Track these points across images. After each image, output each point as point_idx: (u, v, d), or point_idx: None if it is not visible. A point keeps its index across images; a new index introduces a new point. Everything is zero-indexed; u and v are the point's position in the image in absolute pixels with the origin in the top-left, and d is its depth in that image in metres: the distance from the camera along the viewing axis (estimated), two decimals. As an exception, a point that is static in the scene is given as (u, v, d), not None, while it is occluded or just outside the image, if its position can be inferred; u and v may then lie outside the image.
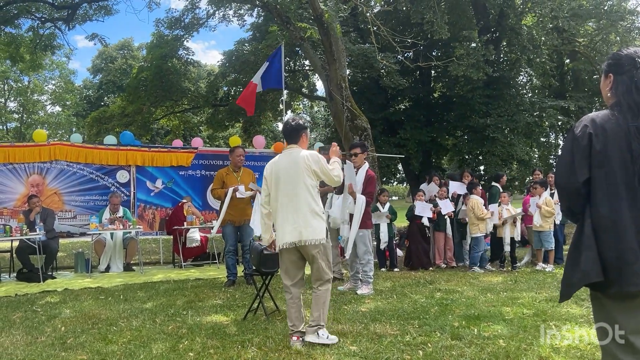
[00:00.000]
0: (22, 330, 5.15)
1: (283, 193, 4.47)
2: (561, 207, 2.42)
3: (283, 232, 4.44)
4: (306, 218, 4.40)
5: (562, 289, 2.38)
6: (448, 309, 5.80)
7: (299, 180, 4.44)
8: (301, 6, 13.17)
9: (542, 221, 8.96)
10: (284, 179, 4.47)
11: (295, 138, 4.62)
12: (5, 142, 9.90)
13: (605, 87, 2.44)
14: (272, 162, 4.63)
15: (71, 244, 13.41)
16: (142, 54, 30.40)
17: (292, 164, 4.47)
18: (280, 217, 4.48)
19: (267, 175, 4.60)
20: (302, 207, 4.43)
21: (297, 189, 4.44)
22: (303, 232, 4.38)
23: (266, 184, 4.62)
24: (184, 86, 20.53)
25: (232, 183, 7.69)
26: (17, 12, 14.26)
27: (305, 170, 4.45)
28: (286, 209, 4.45)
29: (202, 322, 5.39)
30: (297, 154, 4.51)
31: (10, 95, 32.35)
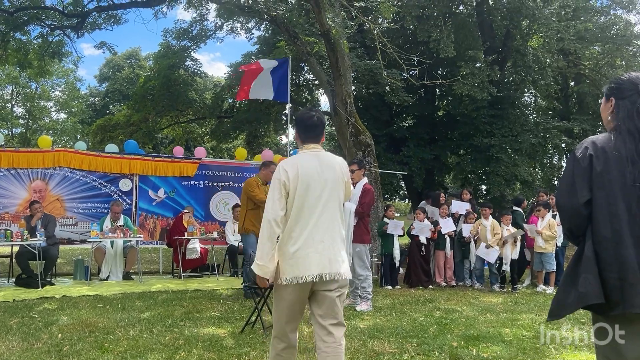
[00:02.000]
0: (18, 336, 5.13)
1: (312, 208, 3.24)
2: (562, 228, 2.42)
3: (307, 261, 3.16)
4: (337, 245, 3.28)
5: (554, 308, 2.38)
6: (447, 328, 5.76)
7: (334, 194, 3.33)
8: (308, 21, 13.27)
9: (545, 243, 8.94)
10: (315, 188, 3.25)
11: (320, 135, 3.47)
12: (9, 147, 9.89)
13: (605, 111, 2.45)
14: (295, 163, 3.29)
15: (71, 250, 13.39)
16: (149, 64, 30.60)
17: (326, 171, 3.32)
18: (304, 240, 3.19)
19: (291, 179, 3.22)
20: (335, 230, 3.29)
21: (330, 204, 3.30)
22: (333, 262, 3.23)
23: (285, 190, 3.22)
24: (190, 97, 20.64)
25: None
26: (27, 19, 14.39)
27: (341, 181, 3.39)
28: (314, 230, 3.22)
29: (200, 333, 5.37)
30: (331, 159, 3.41)
31: (18, 101, 32.53)
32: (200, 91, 22.97)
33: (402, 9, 14.45)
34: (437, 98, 20.21)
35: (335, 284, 3.19)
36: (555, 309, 2.37)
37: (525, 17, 15.15)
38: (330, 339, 3.20)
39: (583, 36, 17.10)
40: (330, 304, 3.22)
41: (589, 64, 18.90)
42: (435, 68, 17.36)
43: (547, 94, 19.24)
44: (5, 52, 15.39)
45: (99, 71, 37.53)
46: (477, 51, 16.73)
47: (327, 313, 3.23)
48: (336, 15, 10.87)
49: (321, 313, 3.23)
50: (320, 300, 3.23)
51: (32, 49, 15.52)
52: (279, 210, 3.19)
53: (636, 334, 2.18)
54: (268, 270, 3.18)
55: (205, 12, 18.25)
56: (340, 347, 3.22)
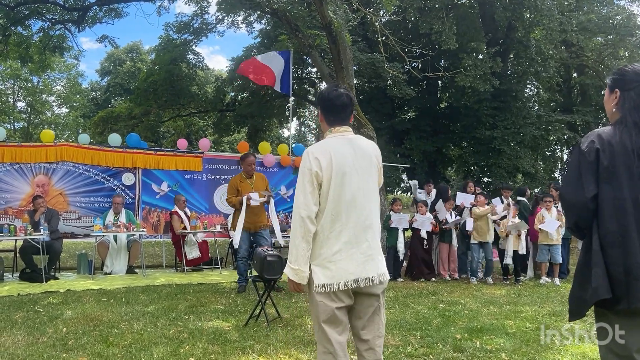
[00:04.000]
0: (23, 330, 5.15)
1: (350, 201, 2.76)
2: (567, 222, 2.38)
3: (349, 262, 2.72)
4: (378, 243, 2.87)
5: (573, 307, 2.32)
6: (450, 321, 5.77)
7: (371, 183, 2.87)
8: (310, 14, 13.23)
9: (556, 235, 8.95)
10: (351, 177, 2.77)
11: (349, 115, 2.96)
12: (12, 142, 9.89)
13: (610, 103, 2.42)
14: (326, 150, 2.79)
15: (74, 245, 13.43)
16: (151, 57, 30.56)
17: (361, 157, 2.83)
18: (343, 239, 2.75)
19: (323, 168, 2.74)
20: (374, 225, 2.85)
21: (370, 196, 2.83)
22: (379, 262, 2.82)
23: (317, 182, 2.75)
24: (192, 91, 20.65)
25: (247, 190, 7.66)
26: (28, 13, 14.37)
27: (376, 168, 2.91)
28: (357, 228, 2.77)
29: (204, 327, 5.38)
30: (364, 143, 2.92)
31: (20, 95, 32.55)
32: (201, 85, 22.98)
33: (404, 1, 14.39)
34: (440, 90, 20.19)
35: (381, 286, 2.82)
36: (576, 308, 2.32)
37: (527, 9, 15.09)
38: (370, 355, 2.82)
39: (586, 27, 17.05)
40: (374, 314, 2.82)
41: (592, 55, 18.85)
42: (438, 60, 17.32)
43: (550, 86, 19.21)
44: (7, 46, 15.39)
45: (100, 65, 37.50)
46: (480, 43, 16.72)
47: (369, 325, 2.82)
48: (338, 7, 10.82)
49: (362, 324, 2.82)
50: (362, 309, 2.81)
51: (33, 43, 15.50)
52: (313, 206, 2.73)
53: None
54: (304, 275, 2.74)
55: (206, 5, 18.22)
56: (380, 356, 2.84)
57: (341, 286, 2.71)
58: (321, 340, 2.77)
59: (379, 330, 2.84)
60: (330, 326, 2.73)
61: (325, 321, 2.74)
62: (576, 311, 2.31)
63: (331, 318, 2.74)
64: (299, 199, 2.77)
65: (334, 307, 2.73)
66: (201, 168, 10.98)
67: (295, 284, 2.79)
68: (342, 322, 2.77)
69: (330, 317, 2.74)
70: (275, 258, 5.57)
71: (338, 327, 2.75)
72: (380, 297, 2.83)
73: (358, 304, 2.81)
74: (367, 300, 2.80)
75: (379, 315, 2.84)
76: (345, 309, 2.79)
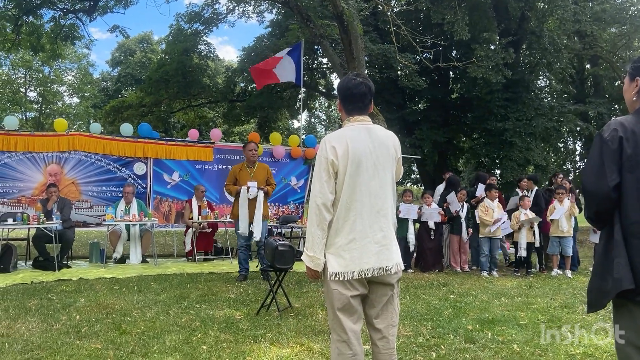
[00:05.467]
0: (37, 318, 5.19)
1: (366, 190, 2.77)
2: (587, 212, 2.33)
3: (363, 251, 2.74)
4: (392, 232, 2.87)
5: (593, 298, 2.28)
6: (462, 312, 5.76)
7: (388, 173, 2.85)
8: (321, 3, 13.16)
9: (568, 227, 8.90)
10: (367, 167, 2.77)
11: (368, 105, 2.93)
12: (25, 131, 9.95)
13: (630, 91, 2.37)
14: (343, 138, 2.79)
15: (86, 233, 13.53)
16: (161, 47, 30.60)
17: (378, 147, 2.82)
18: (358, 228, 2.76)
19: (339, 156, 2.75)
20: (389, 215, 2.84)
21: (385, 186, 2.83)
22: (393, 252, 2.82)
23: (333, 170, 2.76)
24: (203, 82, 20.66)
25: (245, 179, 7.71)
26: (39, 3, 14.38)
27: (393, 158, 2.89)
28: (369, 216, 2.77)
29: (215, 315, 5.41)
30: (382, 133, 2.91)
31: (31, 85, 32.72)
32: (212, 75, 22.98)
33: (416, -9, 14.29)
34: (451, 81, 20.06)
35: (396, 276, 2.82)
36: (595, 299, 2.27)
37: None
38: (384, 344, 2.83)
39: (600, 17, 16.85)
40: (387, 303, 2.83)
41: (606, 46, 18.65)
42: (450, 50, 17.19)
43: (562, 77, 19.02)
44: (19, 36, 15.42)
45: (111, 55, 37.62)
46: (492, 33, 16.58)
47: (383, 313, 2.84)
48: (350, -3, 10.76)
49: (375, 313, 2.84)
50: (376, 298, 2.83)
51: (45, 32, 15.52)
52: (329, 194, 2.74)
53: None
54: (320, 262, 2.76)
55: (217, -5, 18.17)
56: (394, 354, 2.86)
57: (355, 275, 2.72)
58: (335, 328, 2.79)
59: (392, 319, 2.85)
60: (344, 314, 2.75)
61: (340, 309, 2.75)
62: (596, 302, 2.27)
63: (346, 306, 2.75)
64: (315, 187, 2.78)
65: (348, 296, 2.74)
66: (212, 158, 11.01)
67: (312, 271, 2.82)
68: (356, 310, 2.78)
69: (345, 306, 2.75)
70: (287, 248, 5.57)
71: (352, 315, 2.77)
72: (394, 286, 2.84)
73: (372, 293, 2.82)
74: (382, 289, 2.81)
75: (392, 304, 2.85)
76: (359, 297, 2.79)
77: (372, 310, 2.83)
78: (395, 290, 2.86)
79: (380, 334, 2.83)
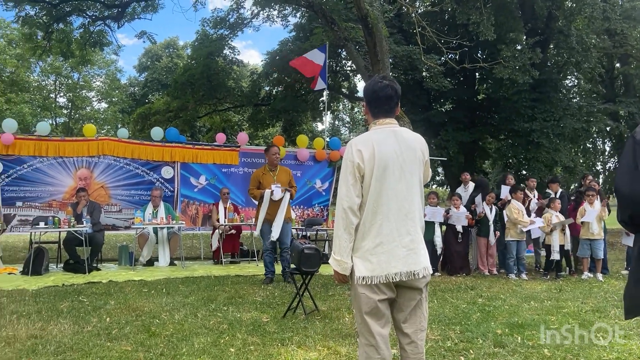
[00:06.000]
0: (69, 320, 5.29)
1: (392, 193, 2.74)
2: (621, 216, 2.26)
3: (391, 255, 2.71)
4: (420, 236, 2.84)
5: (630, 305, 2.20)
6: (490, 316, 5.69)
7: (415, 176, 2.82)
8: (346, 6, 13.17)
9: (598, 229, 8.74)
10: (393, 170, 2.75)
11: (394, 108, 2.90)
12: (55, 137, 10.16)
13: None
14: (369, 142, 2.78)
15: (115, 237, 13.74)
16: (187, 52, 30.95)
17: (405, 150, 2.80)
18: (385, 231, 2.73)
19: (366, 160, 2.73)
20: (416, 219, 2.81)
21: (412, 189, 2.80)
22: (421, 256, 2.79)
23: (359, 174, 2.74)
24: (228, 85, 20.85)
25: (269, 182, 7.75)
26: (69, 10, 14.73)
27: (421, 161, 2.86)
28: (399, 220, 2.75)
29: (243, 318, 5.44)
30: (409, 136, 2.88)
31: (61, 91, 33.41)
32: (237, 79, 23.16)
33: (441, -8, 14.20)
34: (477, 82, 19.85)
35: (424, 280, 2.79)
36: (633, 305, 2.20)
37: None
38: (412, 349, 2.80)
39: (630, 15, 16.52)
40: (416, 307, 2.81)
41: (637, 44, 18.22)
42: (475, 51, 17.02)
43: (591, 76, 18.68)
44: (49, 42, 15.79)
45: (138, 61, 38.12)
46: (519, 33, 16.35)
47: (411, 318, 2.81)
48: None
49: (403, 317, 2.81)
50: (404, 302, 2.80)
51: (74, 39, 15.87)
52: (355, 197, 2.73)
53: None
54: (347, 266, 2.75)
55: (242, 0, 18.32)
56: (422, 358, 2.83)
57: (382, 279, 2.70)
58: (363, 332, 2.77)
59: (421, 323, 2.82)
60: (372, 318, 2.73)
61: (368, 313, 2.73)
62: (633, 309, 2.20)
63: (373, 310, 2.73)
64: (342, 191, 2.77)
65: (376, 300, 2.72)
66: (238, 162, 11.09)
67: (340, 275, 2.81)
68: (384, 314, 2.76)
69: (373, 310, 2.73)
70: (313, 251, 5.59)
71: (380, 319, 2.75)
72: (422, 290, 2.81)
73: (400, 297, 2.80)
74: (410, 293, 2.79)
75: (421, 308, 2.82)
76: (387, 301, 2.77)
77: (401, 314, 2.81)
78: (424, 295, 2.83)
79: (408, 338, 2.80)
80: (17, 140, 9.52)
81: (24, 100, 28.32)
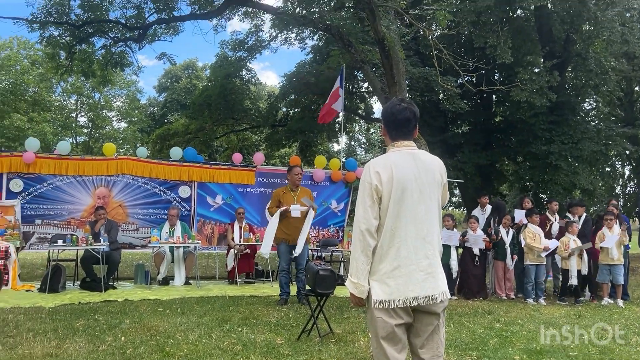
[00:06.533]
0: (84, 338, 5.31)
1: (411, 216, 2.73)
2: None
3: (409, 279, 2.70)
4: (438, 260, 2.82)
5: None
6: (508, 341, 5.60)
7: (433, 199, 2.82)
8: (363, 29, 13.28)
9: (618, 254, 8.61)
10: (412, 193, 2.74)
11: (413, 130, 2.94)
12: (75, 155, 10.31)
13: None
14: (387, 164, 2.77)
15: (131, 255, 13.82)
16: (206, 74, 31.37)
17: (423, 172, 2.79)
18: (403, 254, 2.71)
19: (384, 182, 2.72)
20: (435, 242, 2.80)
21: (431, 212, 2.80)
22: (439, 281, 2.77)
23: (377, 196, 2.73)
24: (245, 106, 21.06)
25: (289, 202, 7.77)
26: (92, 32, 15.05)
27: (439, 184, 2.87)
28: (414, 244, 2.73)
29: (257, 339, 5.41)
30: (428, 158, 2.89)
31: (82, 111, 33.98)
32: (254, 100, 23.39)
33: (458, 16, 14.25)
34: (494, 104, 19.81)
35: (442, 305, 2.76)
36: None
37: (587, 21, 14.65)
38: None
39: (649, 38, 16.37)
40: (433, 332, 2.77)
41: (656, 67, 18.08)
42: (492, 74, 17.02)
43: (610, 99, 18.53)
44: (71, 62, 16.11)
45: (158, 81, 38.71)
46: (536, 56, 16.31)
47: (428, 343, 2.77)
48: (391, 22, 10.83)
49: (420, 343, 2.77)
50: (421, 327, 2.77)
51: (96, 59, 16.18)
52: (373, 219, 2.71)
53: None
54: (364, 289, 2.73)
55: (261, 23, 18.58)
56: None
57: (399, 303, 2.68)
58: (379, 357, 2.75)
59: (438, 349, 2.78)
60: (389, 343, 2.70)
61: (384, 338, 2.70)
62: None
63: (390, 335, 2.70)
64: (359, 212, 2.76)
65: (393, 324, 2.69)
66: (254, 182, 11.15)
67: (357, 298, 2.78)
68: (400, 339, 2.73)
69: (389, 334, 2.70)
70: (328, 273, 5.57)
71: (397, 344, 2.72)
72: (440, 315, 2.78)
73: (417, 322, 2.77)
74: (427, 318, 2.76)
75: (438, 334, 2.78)
76: (404, 326, 2.74)
77: (417, 339, 2.77)
78: (441, 320, 2.80)
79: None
80: (38, 159, 9.69)
81: (45, 119, 28.83)
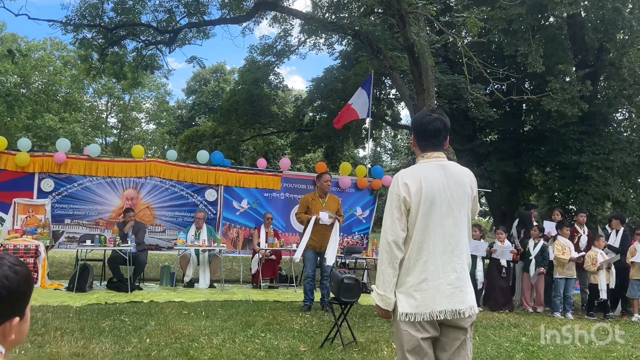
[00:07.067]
0: (110, 339, 5.37)
1: (439, 229, 2.68)
2: None
3: (436, 292, 2.64)
4: (467, 274, 2.75)
5: None
6: (534, 356, 5.51)
7: (463, 212, 2.76)
8: (392, 35, 13.24)
9: None
10: (441, 205, 2.69)
11: (443, 141, 2.89)
12: (105, 157, 10.47)
13: None
14: (416, 175, 2.74)
15: (157, 256, 13.97)
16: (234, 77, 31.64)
17: (453, 185, 2.74)
18: (430, 267, 2.67)
19: (412, 194, 2.68)
20: (464, 255, 2.74)
21: (460, 225, 2.74)
22: (467, 294, 2.72)
23: (405, 207, 2.70)
24: (272, 110, 21.16)
25: (318, 208, 7.76)
26: (124, 35, 15.33)
27: (469, 197, 2.81)
28: (445, 257, 2.68)
29: (280, 346, 5.41)
30: (458, 170, 2.84)
31: (112, 112, 34.62)
32: (281, 105, 23.51)
33: (488, 23, 14.11)
34: (524, 113, 19.55)
35: (469, 320, 2.71)
36: None
37: (621, 29, 14.37)
38: None
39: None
40: (460, 347, 2.70)
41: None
42: (522, 82, 16.78)
43: (644, 111, 18.13)
44: (103, 64, 16.43)
45: (187, 84, 39.18)
46: (568, 65, 16.07)
47: (455, 358, 2.70)
48: (421, 29, 10.77)
49: (447, 357, 2.71)
50: (447, 341, 2.70)
51: (127, 62, 16.46)
52: (400, 231, 2.67)
53: None
54: (390, 302, 2.69)
55: (290, 28, 18.65)
56: None
57: (426, 317, 2.63)
58: None
59: None
60: (414, 357, 2.65)
61: (410, 351, 2.66)
62: None
63: (416, 349, 2.65)
64: (386, 224, 2.73)
65: (419, 338, 2.64)
66: (280, 187, 11.18)
67: (383, 310, 2.75)
68: (427, 353, 2.67)
69: (415, 348, 2.65)
70: (353, 281, 5.54)
71: (422, 358, 2.66)
72: (467, 330, 2.72)
73: (444, 336, 2.71)
74: (454, 332, 2.70)
75: (465, 349, 2.71)
76: (430, 340, 2.69)
77: (444, 354, 2.71)
78: (469, 335, 2.74)
79: None
80: (69, 159, 9.87)
81: (76, 119, 29.42)
